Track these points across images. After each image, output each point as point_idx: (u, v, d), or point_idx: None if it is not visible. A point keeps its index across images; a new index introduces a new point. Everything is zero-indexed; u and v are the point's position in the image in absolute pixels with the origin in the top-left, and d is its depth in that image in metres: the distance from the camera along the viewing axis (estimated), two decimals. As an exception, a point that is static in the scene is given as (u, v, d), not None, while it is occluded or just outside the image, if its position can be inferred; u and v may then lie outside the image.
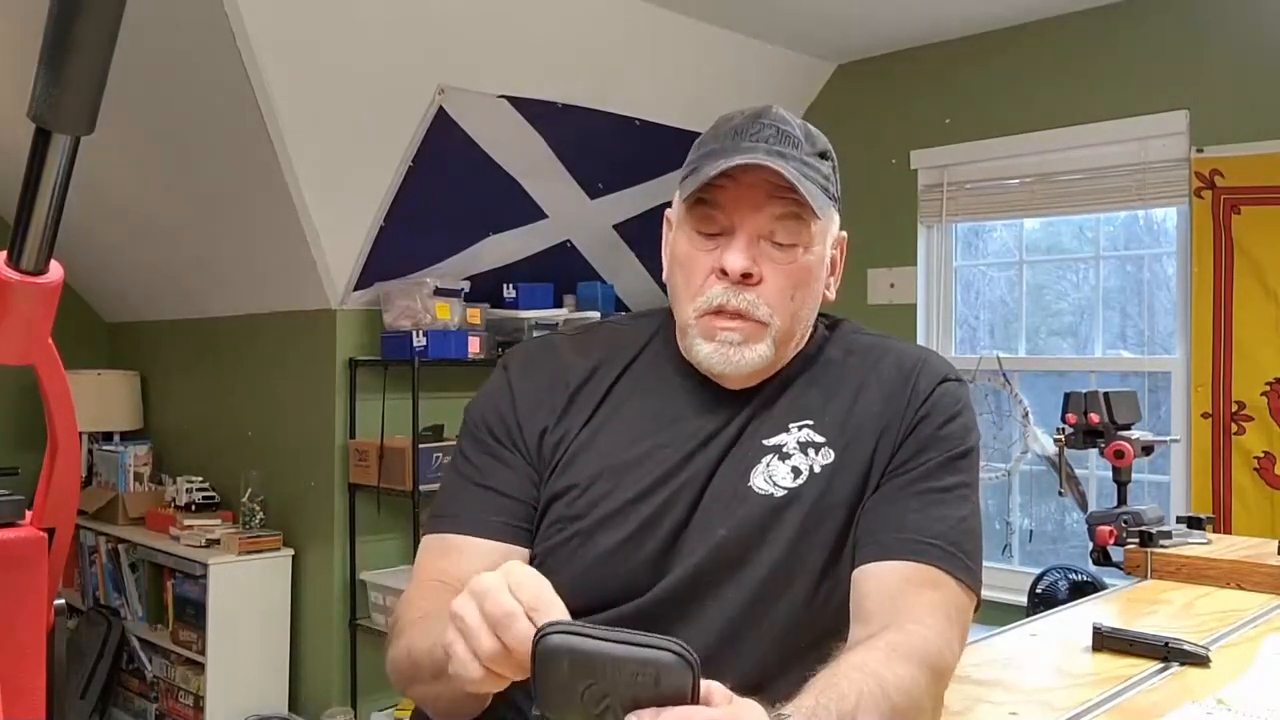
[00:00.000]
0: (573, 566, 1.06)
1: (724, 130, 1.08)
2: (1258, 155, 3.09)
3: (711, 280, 1.06)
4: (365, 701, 3.56)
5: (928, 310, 3.87)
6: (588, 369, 1.15)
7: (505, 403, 1.14)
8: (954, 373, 1.15)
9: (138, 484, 4.08)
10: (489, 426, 1.13)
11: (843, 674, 0.86)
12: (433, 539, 1.10)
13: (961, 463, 1.09)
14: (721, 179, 1.04)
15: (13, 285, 0.56)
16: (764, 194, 1.05)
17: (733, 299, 1.05)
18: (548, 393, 1.14)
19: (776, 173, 1.03)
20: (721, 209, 1.06)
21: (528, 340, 1.28)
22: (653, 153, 3.77)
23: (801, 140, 1.08)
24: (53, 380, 0.61)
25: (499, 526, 1.08)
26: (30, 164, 0.55)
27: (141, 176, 3.66)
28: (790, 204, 1.05)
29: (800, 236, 1.07)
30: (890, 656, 0.90)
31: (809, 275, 1.09)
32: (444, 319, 3.41)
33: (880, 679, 0.86)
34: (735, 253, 1.04)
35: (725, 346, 1.06)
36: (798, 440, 1.09)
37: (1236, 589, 1.68)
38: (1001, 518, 3.67)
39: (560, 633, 0.66)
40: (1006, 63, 3.60)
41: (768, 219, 1.05)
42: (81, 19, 0.51)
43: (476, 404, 1.17)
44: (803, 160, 1.06)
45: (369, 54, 2.97)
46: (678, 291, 1.11)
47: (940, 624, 0.98)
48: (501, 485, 1.10)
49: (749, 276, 1.05)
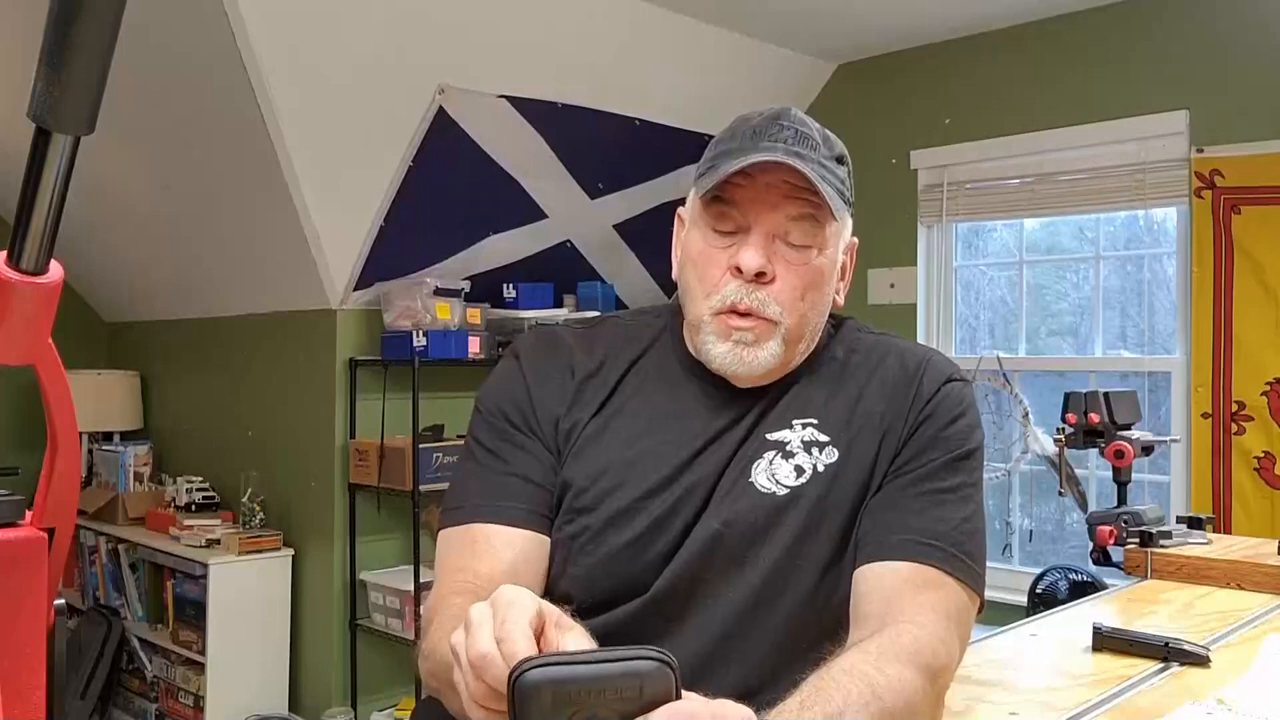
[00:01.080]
0: (582, 561, 1.05)
1: (742, 130, 1.08)
2: (1258, 155, 3.09)
3: (726, 278, 1.06)
4: (365, 701, 3.56)
5: (928, 310, 3.87)
6: (594, 363, 1.14)
7: (520, 388, 1.13)
8: (958, 373, 1.15)
9: (138, 484, 4.08)
10: (504, 413, 1.12)
11: (830, 678, 0.85)
12: (456, 531, 1.07)
13: (965, 463, 1.08)
14: (739, 177, 1.04)
15: (13, 285, 0.56)
16: (781, 194, 1.05)
17: (745, 297, 1.05)
18: (558, 381, 1.13)
19: (794, 173, 1.02)
20: (738, 207, 1.06)
21: (534, 330, 1.27)
22: (653, 153, 3.77)
23: (819, 143, 1.08)
24: (53, 380, 0.61)
25: (523, 514, 1.06)
26: (30, 164, 0.55)
27: (141, 176, 3.66)
28: (807, 205, 1.05)
29: (815, 238, 1.07)
30: (880, 658, 0.89)
31: (821, 278, 1.09)
32: (444, 319, 3.41)
33: (870, 681, 0.85)
34: (751, 251, 1.04)
35: (739, 347, 1.06)
36: (801, 439, 1.08)
37: (1236, 589, 1.68)
38: (1001, 518, 3.67)
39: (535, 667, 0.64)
40: (1006, 63, 3.60)
41: (783, 219, 1.05)
42: (81, 19, 0.51)
43: (489, 391, 1.16)
44: (820, 163, 1.06)
45: (369, 54, 2.97)
46: (690, 288, 1.10)
47: (936, 623, 0.97)
48: (522, 471, 1.08)
49: (763, 275, 1.05)
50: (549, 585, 1.08)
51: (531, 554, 1.05)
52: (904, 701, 0.87)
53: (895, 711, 0.85)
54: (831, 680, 0.84)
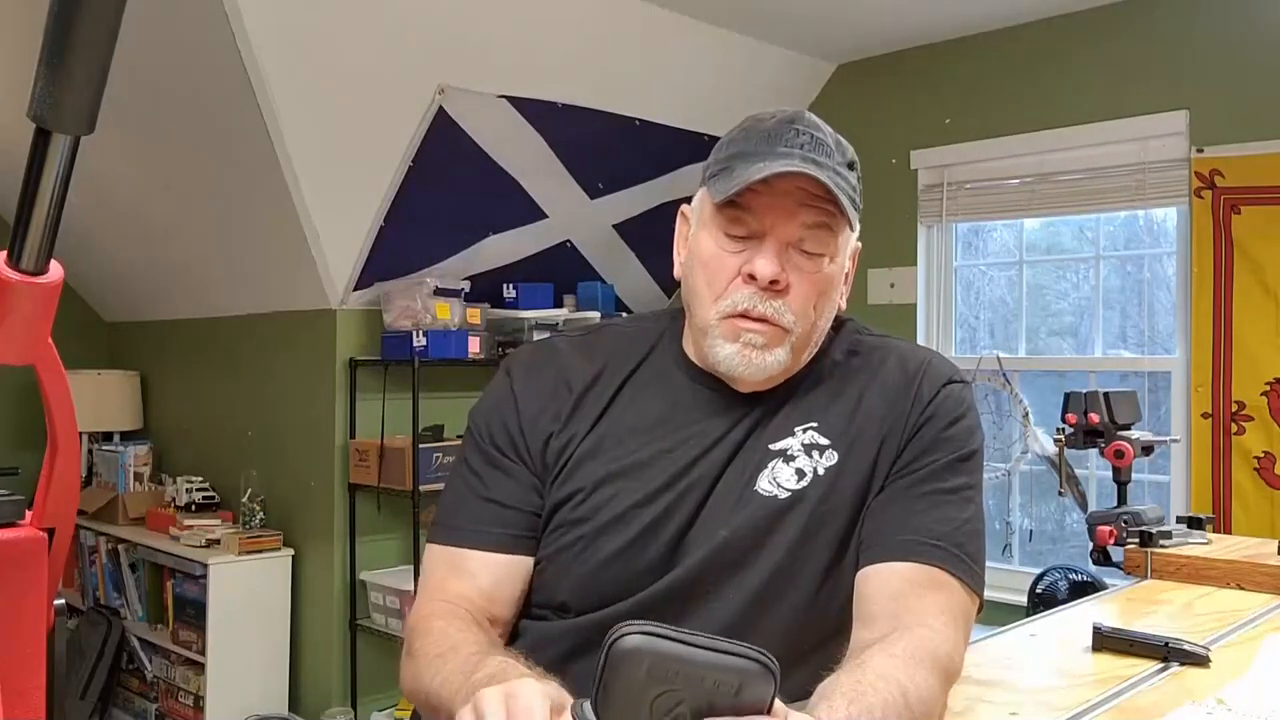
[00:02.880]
0: (576, 570, 1.06)
1: (756, 133, 1.07)
2: (1258, 155, 3.09)
3: (738, 284, 1.05)
4: (365, 701, 3.56)
5: (928, 310, 3.87)
6: (592, 373, 1.14)
7: (509, 410, 1.14)
8: (959, 375, 1.15)
9: (138, 484, 4.08)
10: (492, 436, 1.13)
11: (869, 684, 0.86)
12: (439, 551, 1.12)
13: (966, 465, 1.08)
14: (755, 184, 1.03)
15: (13, 285, 0.56)
16: (796, 201, 1.04)
17: (759, 305, 1.04)
18: (551, 398, 1.13)
19: (810, 180, 1.02)
20: (752, 213, 1.05)
21: (530, 344, 1.27)
22: (653, 153, 3.76)
23: (833, 149, 1.07)
24: (53, 380, 0.61)
25: (503, 538, 1.09)
26: (30, 164, 0.55)
27: (142, 176, 3.66)
28: (822, 214, 1.05)
29: (828, 247, 1.06)
30: (909, 664, 0.90)
31: (831, 285, 1.09)
32: (444, 319, 3.41)
33: (904, 690, 0.87)
34: (766, 259, 1.03)
35: (748, 349, 1.05)
36: (802, 443, 1.08)
37: (1236, 589, 1.68)
38: (1001, 518, 3.67)
39: (640, 633, 0.60)
40: (1006, 63, 3.60)
41: (799, 227, 1.05)
42: (81, 19, 0.51)
43: (480, 411, 1.17)
44: (835, 170, 1.05)
45: (369, 54, 2.97)
46: (698, 291, 1.09)
47: (948, 627, 0.98)
48: (504, 497, 1.10)
49: (776, 284, 1.04)
50: (542, 593, 1.09)
51: (510, 576, 1.09)
52: (927, 708, 0.89)
53: (918, 717, 0.87)
54: (870, 687, 0.86)
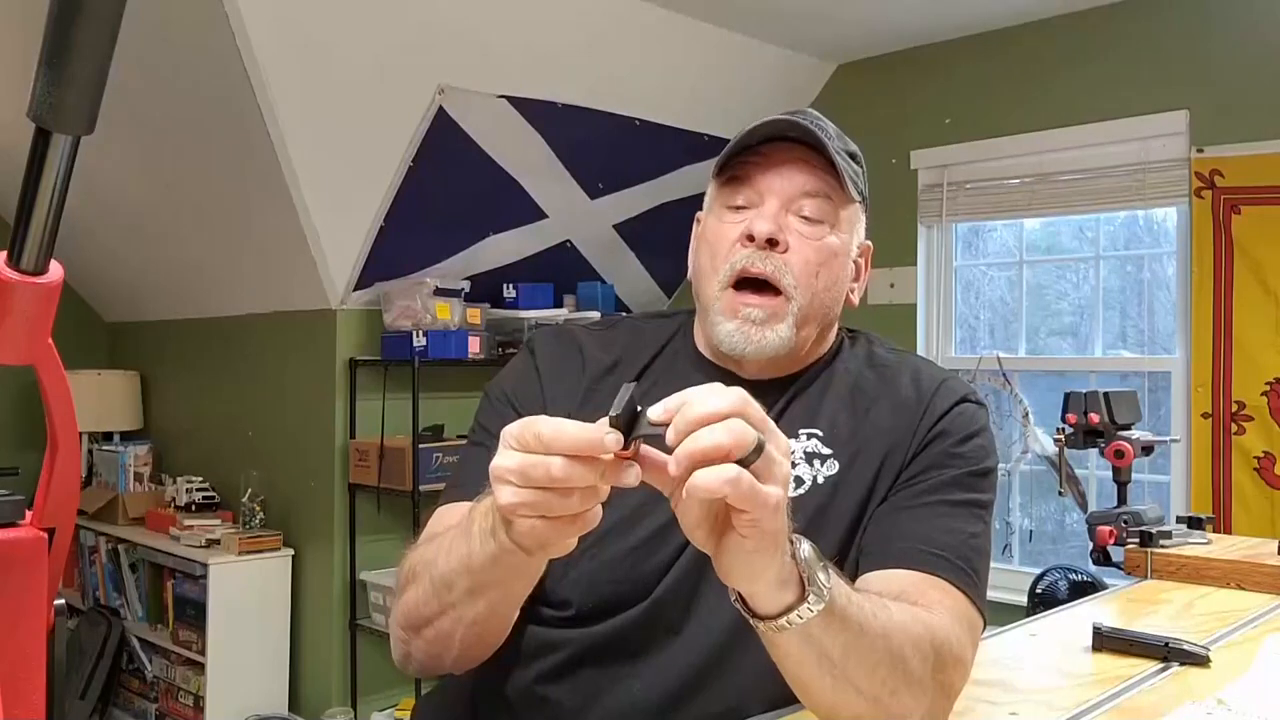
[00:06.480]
0: (583, 567, 1.04)
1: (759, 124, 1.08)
2: (1258, 155, 3.09)
3: (736, 247, 1.06)
4: (365, 701, 3.56)
5: (928, 310, 3.87)
6: (608, 364, 1.14)
7: (532, 380, 1.13)
8: (974, 394, 1.13)
9: (138, 484, 4.08)
10: (511, 400, 1.12)
11: (860, 595, 0.86)
12: (445, 508, 1.07)
13: (978, 481, 1.06)
14: (754, 155, 1.04)
15: (13, 285, 0.56)
16: (795, 169, 1.05)
17: (758, 261, 1.04)
18: (571, 378, 1.13)
19: (808, 151, 1.03)
20: (751, 184, 1.06)
21: (551, 326, 1.27)
22: (653, 153, 3.76)
23: (834, 137, 1.09)
24: (53, 380, 0.61)
25: None
26: (30, 164, 0.55)
27: (141, 176, 3.66)
28: (821, 183, 1.05)
29: (829, 215, 1.07)
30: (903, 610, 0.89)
31: (834, 258, 1.08)
32: (444, 319, 3.42)
33: (889, 613, 0.86)
34: (763, 218, 1.04)
35: (747, 325, 1.05)
36: (804, 450, 1.07)
37: (1236, 589, 1.68)
38: (1001, 518, 3.67)
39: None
40: (1006, 63, 3.60)
41: (797, 191, 1.06)
42: (81, 19, 0.50)
43: (501, 380, 1.16)
44: (835, 150, 1.07)
45: (369, 54, 2.97)
46: (702, 269, 1.10)
47: (948, 615, 0.95)
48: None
49: (775, 243, 1.04)
50: (547, 589, 1.06)
51: None
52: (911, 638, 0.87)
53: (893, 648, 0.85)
54: (862, 596, 0.86)
